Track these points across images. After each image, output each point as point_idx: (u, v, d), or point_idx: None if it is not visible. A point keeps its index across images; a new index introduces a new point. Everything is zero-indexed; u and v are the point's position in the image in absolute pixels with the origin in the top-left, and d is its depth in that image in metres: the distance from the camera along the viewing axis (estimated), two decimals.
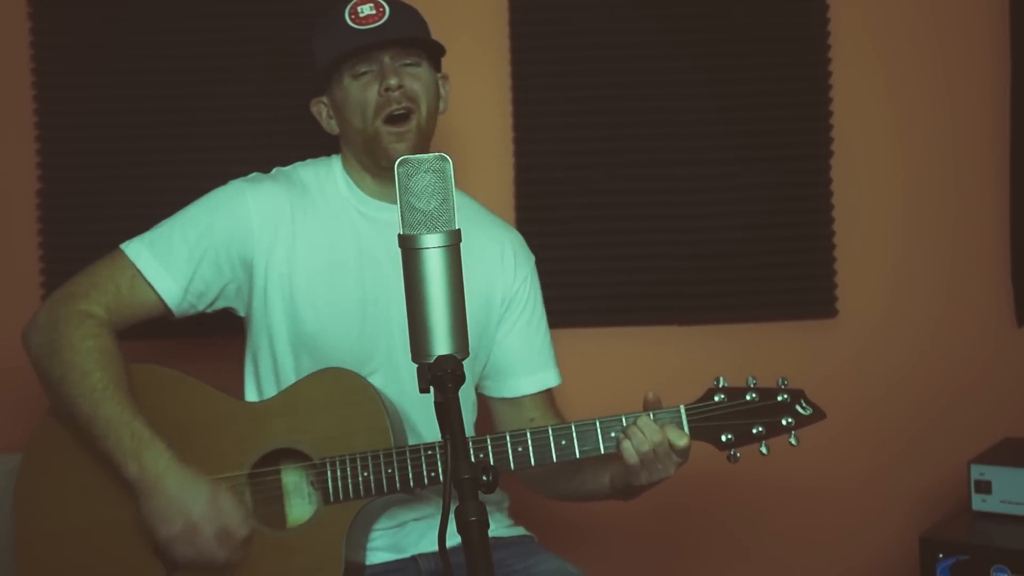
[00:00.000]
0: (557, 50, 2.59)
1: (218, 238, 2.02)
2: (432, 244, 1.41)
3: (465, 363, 2.00)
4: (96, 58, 2.57)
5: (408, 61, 2.03)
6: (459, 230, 1.43)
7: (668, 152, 2.59)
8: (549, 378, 2.20)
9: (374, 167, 2.07)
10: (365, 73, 2.02)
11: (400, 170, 1.42)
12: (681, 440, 1.89)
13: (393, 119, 2.01)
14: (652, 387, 2.62)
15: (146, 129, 2.57)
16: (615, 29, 2.58)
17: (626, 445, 1.89)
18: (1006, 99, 2.60)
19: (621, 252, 2.60)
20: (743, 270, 2.60)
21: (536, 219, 2.55)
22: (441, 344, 1.42)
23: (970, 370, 2.63)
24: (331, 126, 2.11)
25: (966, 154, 2.63)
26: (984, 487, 2.31)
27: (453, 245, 1.42)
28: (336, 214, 2.07)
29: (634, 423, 1.90)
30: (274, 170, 2.14)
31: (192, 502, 1.88)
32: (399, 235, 1.43)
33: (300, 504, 1.98)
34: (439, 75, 2.11)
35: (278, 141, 2.53)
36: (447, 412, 1.38)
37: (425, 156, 1.42)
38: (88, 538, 1.98)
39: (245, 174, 2.11)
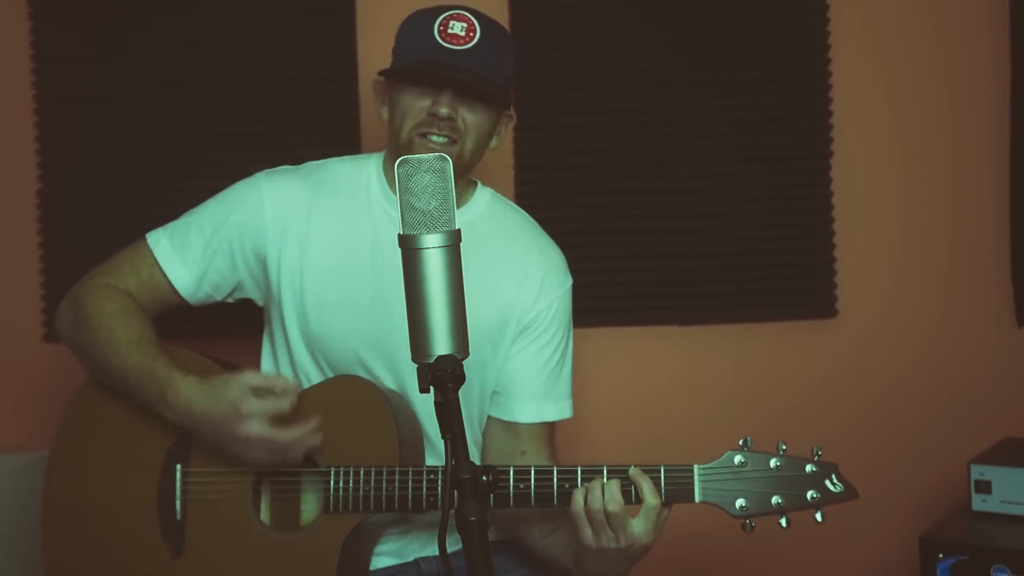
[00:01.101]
0: (557, 50, 2.59)
1: (232, 231, 2.03)
2: (432, 244, 1.41)
3: (481, 376, 1.97)
4: (96, 58, 2.57)
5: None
6: (459, 230, 1.43)
7: (668, 152, 2.59)
8: (548, 411, 2.08)
9: None
10: (426, 86, 1.96)
11: (400, 170, 1.42)
12: (653, 499, 1.79)
13: (430, 140, 1.95)
14: (652, 387, 2.64)
15: (146, 129, 2.57)
16: (615, 29, 2.58)
17: (576, 493, 1.80)
18: (1006, 99, 2.60)
19: (621, 252, 2.60)
20: (743, 270, 2.59)
21: (536, 219, 2.55)
22: (441, 344, 1.42)
23: (970, 370, 2.63)
24: (382, 111, 2.06)
25: (966, 154, 2.63)
26: (984, 487, 2.31)
27: (453, 245, 1.42)
28: (359, 214, 2.05)
29: (603, 483, 1.79)
30: (305, 164, 2.12)
31: (228, 405, 1.86)
32: (399, 235, 1.43)
33: (314, 505, 1.98)
34: (506, 113, 2.04)
35: (278, 141, 2.53)
36: (447, 412, 1.38)
37: (425, 156, 1.42)
38: (106, 514, 2.00)
39: (245, 174, 2.11)
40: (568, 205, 2.59)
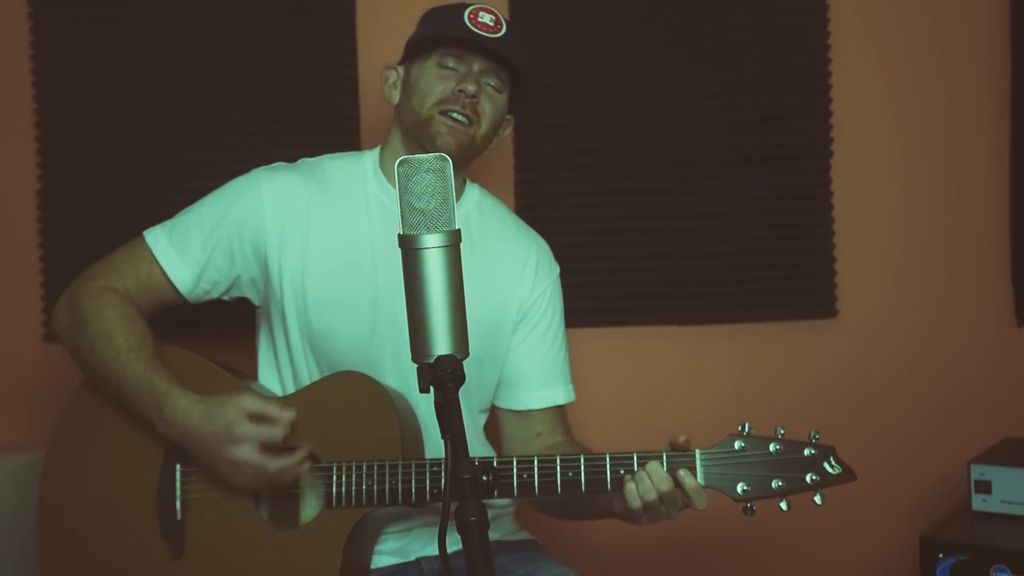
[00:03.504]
0: (557, 50, 2.59)
1: (231, 228, 2.03)
2: (432, 244, 1.42)
3: (478, 370, 1.98)
4: (96, 58, 2.57)
5: (493, 82, 2.05)
6: (459, 230, 1.43)
7: (668, 152, 2.59)
8: (558, 395, 2.15)
9: (417, 151, 2.02)
10: (451, 68, 2.02)
11: (400, 170, 1.42)
12: (702, 503, 1.80)
13: (451, 117, 2.01)
14: (652, 387, 2.64)
15: (146, 129, 2.57)
16: (615, 29, 2.58)
17: (630, 488, 1.80)
18: (1006, 99, 2.60)
19: (621, 252, 2.60)
20: (743, 270, 2.59)
21: (536, 219, 2.54)
22: (441, 344, 1.42)
23: (970, 370, 2.63)
24: (392, 95, 2.11)
25: (966, 154, 2.63)
26: (984, 487, 2.31)
27: (453, 245, 1.43)
28: (357, 211, 2.07)
29: (644, 468, 1.81)
30: (300, 160, 2.14)
31: (222, 426, 1.87)
32: (399, 235, 1.43)
33: (313, 504, 1.98)
34: (506, 116, 2.12)
35: (278, 141, 2.53)
36: (447, 412, 1.39)
37: (425, 156, 1.42)
38: (105, 515, 2.00)
39: (245, 173, 2.11)
40: (568, 205, 2.59)
